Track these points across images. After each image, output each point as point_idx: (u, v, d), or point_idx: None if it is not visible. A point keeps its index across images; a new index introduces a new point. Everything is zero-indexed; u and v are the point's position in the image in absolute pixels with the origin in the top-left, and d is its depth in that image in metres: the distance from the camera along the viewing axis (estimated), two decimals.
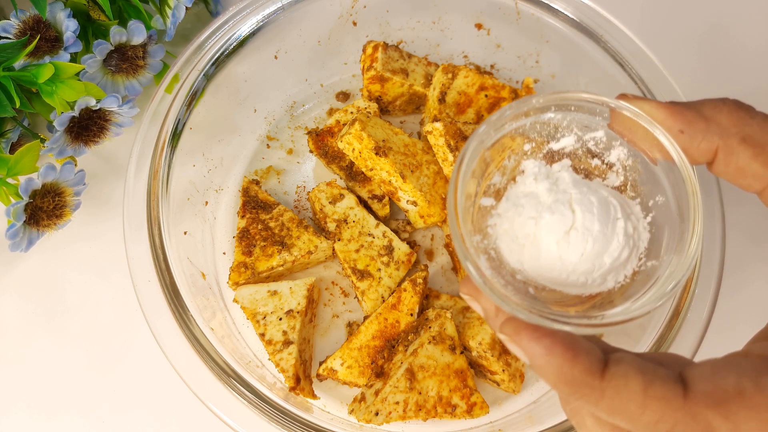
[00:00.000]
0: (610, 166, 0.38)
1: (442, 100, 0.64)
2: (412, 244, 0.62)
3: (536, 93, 0.65)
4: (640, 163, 0.37)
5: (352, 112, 0.65)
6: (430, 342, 0.54)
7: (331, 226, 0.61)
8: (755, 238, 0.65)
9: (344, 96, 0.70)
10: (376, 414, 0.51)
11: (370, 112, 0.64)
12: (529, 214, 0.36)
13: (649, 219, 0.37)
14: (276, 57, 0.66)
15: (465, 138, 0.61)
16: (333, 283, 0.63)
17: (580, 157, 0.38)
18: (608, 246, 0.35)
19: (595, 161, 0.39)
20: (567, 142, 0.38)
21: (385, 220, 0.63)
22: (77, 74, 0.57)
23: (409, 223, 0.64)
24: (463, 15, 0.67)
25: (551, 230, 0.35)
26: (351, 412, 0.55)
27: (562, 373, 0.30)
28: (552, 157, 0.38)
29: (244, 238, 0.60)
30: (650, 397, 0.29)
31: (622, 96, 0.36)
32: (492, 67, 0.70)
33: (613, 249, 0.35)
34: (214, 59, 0.60)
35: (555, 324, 0.32)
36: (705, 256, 0.52)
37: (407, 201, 0.61)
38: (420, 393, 0.52)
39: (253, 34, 0.62)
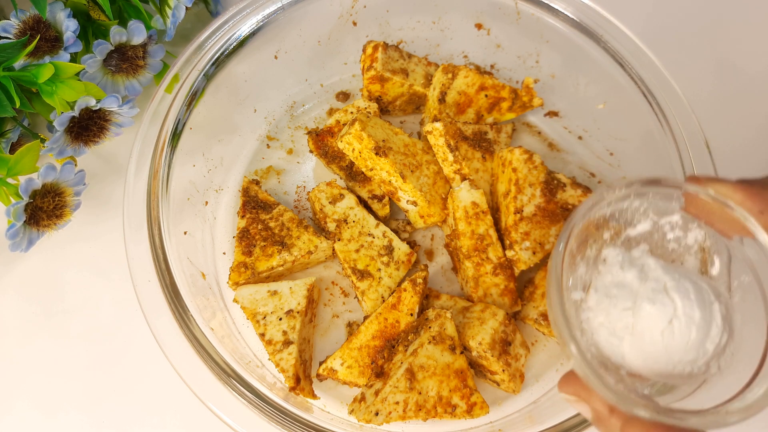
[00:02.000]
0: (689, 248, 0.38)
1: (442, 100, 0.64)
2: (412, 244, 0.62)
3: (537, 94, 0.66)
4: (720, 243, 0.38)
5: (352, 112, 0.65)
6: (430, 342, 0.54)
7: (331, 226, 0.61)
8: None
9: (344, 96, 0.70)
10: (376, 414, 0.51)
11: (370, 112, 0.64)
12: (625, 305, 0.35)
13: (736, 299, 0.37)
14: (276, 57, 0.66)
15: (465, 138, 0.61)
16: (333, 283, 0.63)
17: (657, 241, 0.39)
18: (709, 331, 0.35)
19: (672, 245, 0.39)
20: (643, 228, 0.39)
21: (385, 220, 0.63)
22: (77, 74, 0.57)
23: (409, 223, 0.64)
24: (463, 15, 0.67)
25: (654, 321, 0.34)
26: (351, 412, 0.55)
27: None
28: (629, 243, 0.38)
29: (244, 238, 0.60)
30: None
31: (694, 179, 0.36)
32: (492, 67, 0.70)
33: (714, 334, 0.35)
34: (214, 59, 0.60)
35: (680, 421, 0.31)
36: None
37: (407, 201, 0.61)
38: (420, 393, 0.52)
39: (253, 34, 0.62)
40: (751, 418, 0.32)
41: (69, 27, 0.58)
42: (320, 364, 0.57)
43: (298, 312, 0.56)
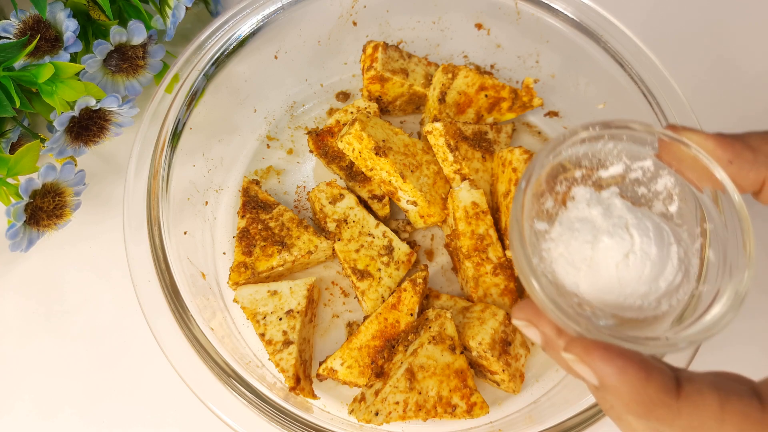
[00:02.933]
0: (657, 194, 0.39)
1: (442, 100, 0.64)
2: (412, 244, 0.62)
3: (537, 94, 0.66)
4: (687, 191, 0.38)
5: (352, 112, 0.65)
6: (430, 342, 0.54)
7: (331, 226, 0.61)
8: None
9: (344, 96, 0.70)
10: (376, 414, 0.51)
11: (370, 112, 0.64)
12: (585, 238, 0.36)
13: (697, 245, 0.38)
14: (276, 57, 0.66)
15: (465, 138, 0.61)
16: (333, 283, 0.63)
17: (628, 185, 0.39)
18: (664, 270, 0.36)
19: (642, 189, 0.39)
20: (616, 170, 0.39)
21: (385, 220, 0.63)
22: (77, 74, 0.57)
23: (409, 223, 0.64)
24: (463, 15, 0.67)
25: (610, 253, 0.35)
26: (351, 412, 0.55)
27: (635, 393, 0.30)
28: (600, 185, 0.39)
29: (244, 238, 0.60)
30: (728, 413, 0.29)
31: (671, 127, 0.37)
32: (492, 67, 0.70)
33: (669, 273, 0.36)
34: (214, 59, 0.60)
35: (626, 344, 0.32)
36: None
37: (407, 201, 0.61)
38: (420, 393, 0.52)
39: (253, 34, 0.62)
40: (693, 347, 0.34)
41: (69, 27, 0.58)
42: (320, 364, 0.57)
43: (298, 312, 0.56)
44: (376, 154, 0.59)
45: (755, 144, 0.36)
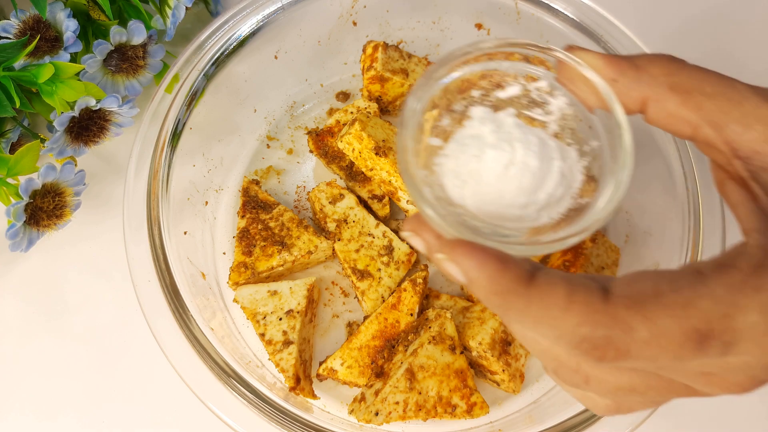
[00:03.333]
0: (551, 114, 0.40)
1: None
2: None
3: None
4: (579, 112, 0.40)
5: (352, 112, 0.65)
6: (430, 342, 0.54)
7: (331, 226, 0.61)
8: None
9: (344, 96, 0.70)
10: (376, 414, 0.51)
11: (370, 112, 0.64)
12: (473, 152, 0.38)
13: (584, 163, 0.39)
14: (276, 57, 0.66)
15: None
16: (333, 283, 0.63)
17: (524, 105, 0.40)
18: (544, 183, 0.37)
19: (537, 111, 0.40)
20: (513, 91, 0.40)
21: (385, 220, 0.63)
22: (77, 74, 0.57)
23: None
24: (463, 15, 0.67)
25: (492, 164, 0.37)
26: (351, 412, 0.55)
27: (492, 283, 0.31)
28: (498, 106, 0.40)
29: (244, 238, 0.60)
30: (573, 302, 0.30)
31: (569, 47, 0.38)
32: None
33: (549, 186, 0.37)
34: (214, 59, 0.60)
35: (488, 242, 0.34)
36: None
37: (407, 201, 0.61)
38: (420, 393, 0.52)
39: (253, 34, 0.62)
40: (560, 248, 0.35)
41: (69, 27, 0.58)
42: (320, 364, 0.57)
43: (298, 312, 0.56)
44: (376, 154, 0.59)
45: (641, 63, 0.37)
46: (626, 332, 0.30)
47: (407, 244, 0.61)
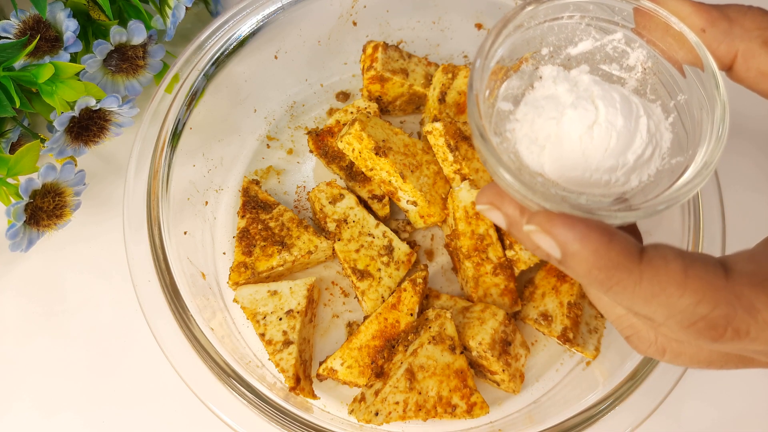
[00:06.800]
0: (630, 69, 0.37)
1: (442, 100, 0.64)
2: (412, 244, 0.62)
3: None
4: (661, 64, 0.36)
5: (352, 112, 0.65)
6: (430, 342, 0.54)
7: (331, 226, 0.61)
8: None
9: (344, 96, 0.70)
10: (376, 414, 0.51)
11: (370, 112, 0.64)
12: (550, 114, 0.34)
13: (671, 119, 0.36)
14: (276, 57, 0.66)
15: (465, 138, 0.61)
16: (333, 283, 0.63)
17: (598, 61, 0.37)
18: (632, 142, 0.34)
19: (614, 65, 0.37)
20: (585, 47, 0.37)
21: (385, 220, 0.63)
22: (77, 74, 0.57)
23: (409, 223, 0.64)
24: (463, 15, 0.67)
25: (574, 126, 0.33)
26: (351, 412, 0.55)
27: (598, 258, 0.28)
28: (569, 63, 0.37)
29: (244, 238, 0.60)
30: (691, 278, 0.28)
31: None
32: None
33: (637, 146, 0.34)
34: (214, 59, 0.60)
35: (587, 214, 0.30)
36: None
37: (407, 201, 0.61)
38: (420, 393, 0.52)
39: (253, 34, 0.62)
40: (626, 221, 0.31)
41: (69, 27, 0.58)
42: (320, 364, 0.57)
43: (298, 312, 0.56)
44: (376, 154, 0.59)
45: (733, 15, 0.33)
46: (749, 312, 0.27)
47: (407, 244, 0.61)
